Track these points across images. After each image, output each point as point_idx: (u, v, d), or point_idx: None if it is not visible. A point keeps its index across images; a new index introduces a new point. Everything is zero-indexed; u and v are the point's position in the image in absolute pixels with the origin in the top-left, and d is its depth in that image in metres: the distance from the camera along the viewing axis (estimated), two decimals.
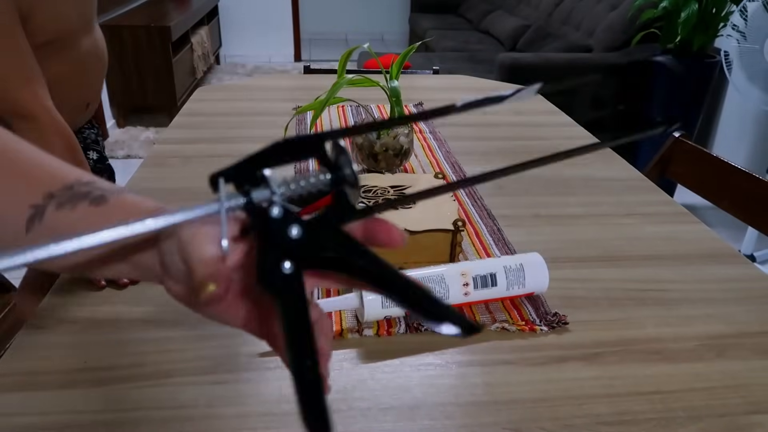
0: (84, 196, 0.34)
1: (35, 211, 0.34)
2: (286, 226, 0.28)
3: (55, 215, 0.34)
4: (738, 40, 2.20)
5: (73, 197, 0.34)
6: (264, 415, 0.54)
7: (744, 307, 0.72)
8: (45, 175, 0.35)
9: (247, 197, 0.28)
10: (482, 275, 0.67)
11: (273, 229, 0.28)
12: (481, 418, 0.55)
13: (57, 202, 0.34)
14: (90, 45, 0.92)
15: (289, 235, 0.28)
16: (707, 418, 0.56)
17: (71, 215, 0.34)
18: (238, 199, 0.28)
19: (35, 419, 0.53)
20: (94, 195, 0.35)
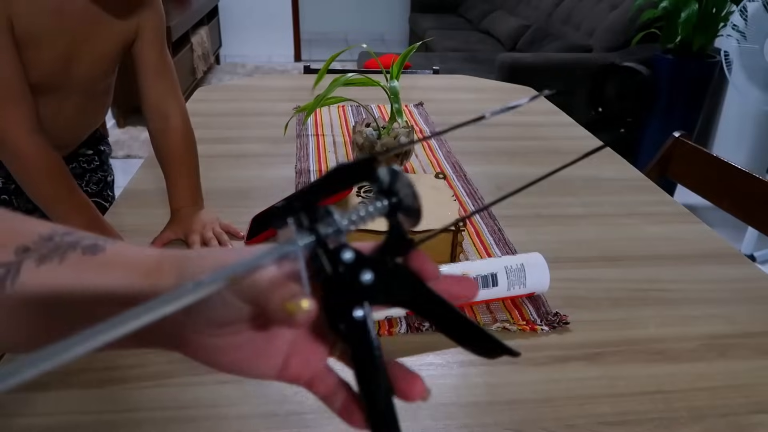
0: (72, 246, 0.29)
1: (6, 271, 0.28)
2: (357, 270, 0.26)
3: (34, 273, 0.28)
4: (738, 40, 2.20)
5: (58, 248, 0.29)
6: (266, 415, 0.54)
7: (746, 306, 0.72)
8: (9, 229, 0.30)
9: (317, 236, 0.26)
10: (483, 275, 0.67)
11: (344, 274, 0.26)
12: (482, 418, 0.55)
13: (37, 255, 0.28)
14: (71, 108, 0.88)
15: (361, 280, 0.26)
16: (709, 417, 0.55)
17: (58, 270, 0.28)
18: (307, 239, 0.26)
19: (37, 420, 0.53)
20: (84, 244, 0.29)
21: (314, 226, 0.26)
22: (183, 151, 0.88)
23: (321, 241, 0.26)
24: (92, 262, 0.29)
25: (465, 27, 4.39)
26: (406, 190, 0.27)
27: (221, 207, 0.91)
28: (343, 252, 0.26)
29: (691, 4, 2.41)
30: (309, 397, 0.57)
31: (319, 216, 0.26)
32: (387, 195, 0.27)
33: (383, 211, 0.27)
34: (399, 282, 0.27)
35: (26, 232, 0.29)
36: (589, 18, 3.14)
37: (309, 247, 0.26)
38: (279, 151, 1.15)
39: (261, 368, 0.30)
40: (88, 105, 0.91)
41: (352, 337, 0.26)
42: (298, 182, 1.02)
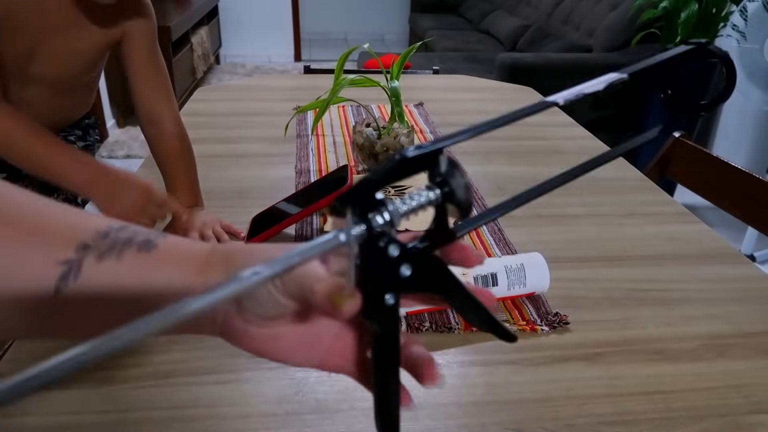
0: (128, 243, 0.30)
1: (68, 268, 0.29)
2: (399, 264, 0.27)
3: (95, 268, 0.29)
4: (738, 40, 2.20)
5: (114, 245, 0.30)
6: (265, 415, 0.54)
7: (745, 306, 0.72)
8: (69, 225, 0.30)
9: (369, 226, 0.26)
10: (483, 275, 0.67)
11: (385, 266, 0.27)
12: (482, 418, 0.55)
13: (96, 252, 0.29)
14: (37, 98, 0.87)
15: (400, 274, 0.27)
16: (709, 417, 0.56)
17: (117, 267, 0.29)
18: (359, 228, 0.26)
19: (37, 419, 0.53)
20: (138, 240, 0.30)
21: (367, 217, 0.26)
22: (179, 154, 0.88)
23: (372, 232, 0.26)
24: (148, 259, 0.30)
25: (465, 27, 4.39)
26: (459, 182, 0.27)
27: (221, 207, 0.91)
28: (391, 247, 0.27)
29: (691, 4, 2.41)
30: (309, 397, 0.57)
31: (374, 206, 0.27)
32: (440, 185, 0.27)
33: (436, 202, 0.27)
34: (432, 274, 0.28)
35: (84, 228, 0.30)
36: (589, 18, 3.14)
37: (360, 239, 0.26)
38: (279, 151, 1.15)
39: (303, 357, 0.31)
40: (60, 99, 0.90)
41: (379, 321, 0.27)
42: (298, 182, 1.02)
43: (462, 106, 1.49)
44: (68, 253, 0.29)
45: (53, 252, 0.29)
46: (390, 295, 0.27)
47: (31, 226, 0.30)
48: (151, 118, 0.87)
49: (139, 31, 0.85)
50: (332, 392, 0.57)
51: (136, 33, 0.85)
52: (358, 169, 1.02)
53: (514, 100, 1.57)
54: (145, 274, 0.30)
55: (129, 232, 0.31)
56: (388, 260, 0.27)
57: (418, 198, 0.27)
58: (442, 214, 0.28)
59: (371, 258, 0.27)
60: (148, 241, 0.30)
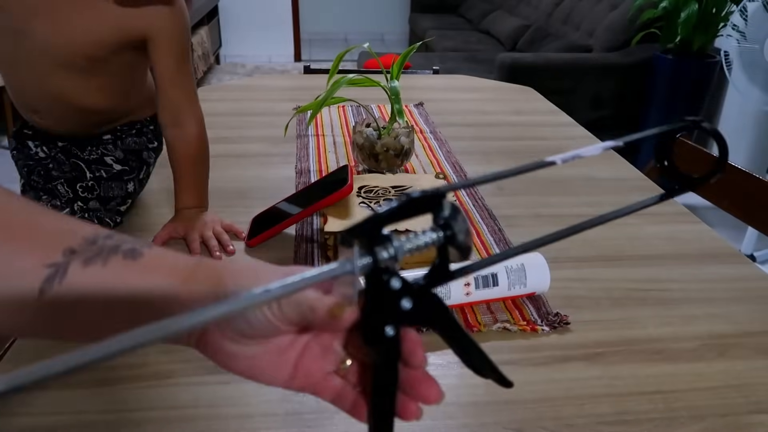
0: (114, 250, 0.31)
1: (54, 271, 0.29)
2: (400, 297, 0.29)
3: (81, 273, 0.30)
4: (738, 40, 2.20)
5: (101, 251, 0.30)
6: (266, 415, 0.54)
7: (745, 306, 0.72)
8: (58, 231, 0.31)
9: (374, 259, 0.28)
10: (483, 275, 0.67)
11: (387, 297, 0.29)
12: (482, 418, 0.55)
13: (83, 258, 0.30)
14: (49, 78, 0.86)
15: (401, 306, 0.29)
16: (709, 417, 0.56)
17: (103, 273, 0.30)
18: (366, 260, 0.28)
19: (37, 419, 0.53)
20: (124, 248, 0.31)
21: (374, 249, 0.28)
22: (195, 157, 0.88)
23: (377, 265, 0.28)
24: (133, 266, 0.30)
25: (465, 27, 4.39)
26: (461, 226, 0.29)
27: (221, 207, 0.91)
28: (393, 280, 0.29)
29: (691, 4, 2.41)
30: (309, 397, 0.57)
31: (380, 241, 0.29)
32: (443, 228, 0.29)
33: (438, 243, 0.29)
34: (430, 308, 0.30)
35: (71, 233, 0.31)
36: (589, 18, 3.14)
37: (365, 269, 0.28)
38: (279, 151, 1.15)
39: (271, 377, 0.33)
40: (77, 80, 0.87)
41: (379, 352, 0.29)
42: (298, 182, 1.02)
43: (462, 106, 1.49)
44: (55, 257, 0.30)
45: (40, 255, 0.30)
46: (390, 327, 0.29)
47: (20, 230, 0.31)
48: (175, 121, 0.87)
49: (168, 33, 0.84)
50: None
51: (163, 35, 0.84)
52: (358, 169, 1.02)
53: (514, 100, 1.57)
54: (130, 281, 0.30)
55: (116, 240, 0.31)
56: (390, 292, 0.29)
57: (422, 237, 0.29)
58: (443, 255, 0.29)
59: (374, 289, 0.29)
60: (134, 249, 0.31)
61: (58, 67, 0.84)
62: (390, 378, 0.30)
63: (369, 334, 0.29)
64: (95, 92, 0.88)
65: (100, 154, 0.89)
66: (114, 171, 0.88)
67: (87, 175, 0.87)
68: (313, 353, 0.33)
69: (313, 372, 0.33)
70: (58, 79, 0.85)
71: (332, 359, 0.34)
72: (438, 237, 0.29)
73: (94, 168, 0.87)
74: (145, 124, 0.96)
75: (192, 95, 0.88)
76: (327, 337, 0.33)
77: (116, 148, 0.90)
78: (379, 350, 0.29)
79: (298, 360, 0.33)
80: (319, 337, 0.33)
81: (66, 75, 0.85)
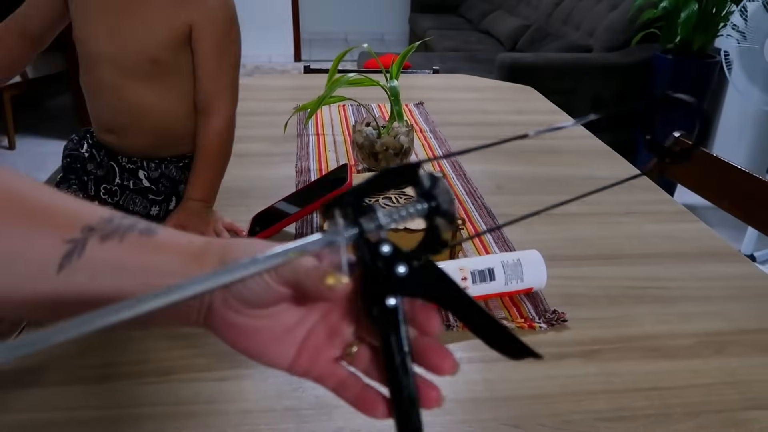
0: (130, 228, 0.32)
1: (73, 246, 0.31)
2: (393, 263, 0.29)
3: (99, 248, 0.31)
4: (738, 40, 2.20)
5: (118, 229, 0.32)
6: (265, 411, 0.55)
7: (742, 304, 0.73)
8: (76, 210, 0.32)
9: (360, 229, 0.29)
10: (480, 270, 0.67)
11: (381, 266, 0.29)
12: (480, 414, 0.55)
13: (100, 234, 0.31)
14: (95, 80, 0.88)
15: (396, 272, 0.29)
16: (704, 414, 0.56)
17: (119, 248, 0.31)
18: (351, 231, 0.29)
19: (37, 415, 0.53)
20: (140, 227, 0.32)
21: (359, 220, 0.29)
22: (213, 152, 0.88)
23: (363, 234, 0.29)
24: (148, 243, 0.32)
25: (465, 27, 4.39)
26: (444, 196, 0.30)
27: (222, 206, 0.91)
28: (382, 245, 0.29)
29: (691, 4, 2.42)
30: (307, 393, 0.57)
31: (364, 212, 0.29)
32: (427, 199, 0.30)
33: (422, 213, 0.30)
34: (430, 278, 0.30)
35: (90, 213, 0.32)
36: (589, 18, 3.14)
37: (352, 238, 0.29)
38: (279, 151, 1.15)
39: (274, 355, 0.33)
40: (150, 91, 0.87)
41: (383, 323, 0.29)
42: (298, 181, 1.03)
43: (462, 106, 1.49)
44: (74, 233, 0.31)
45: (59, 232, 0.31)
46: (391, 297, 0.29)
47: (39, 209, 0.32)
48: (203, 110, 0.88)
49: (209, 27, 0.85)
50: None
51: (204, 29, 0.84)
52: (358, 168, 1.03)
53: (514, 99, 1.57)
54: (145, 257, 0.31)
55: (132, 220, 0.33)
56: (382, 258, 0.29)
57: (406, 209, 0.30)
58: (431, 225, 0.30)
59: (366, 256, 0.29)
60: (149, 228, 0.32)
61: (128, 78, 0.85)
62: (401, 353, 0.29)
63: (369, 306, 0.29)
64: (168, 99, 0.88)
65: (137, 167, 0.89)
66: (141, 186, 0.87)
67: (116, 180, 0.86)
68: (320, 336, 0.33)
69: (319, 356, 0.33)
70: (131, 90, 0.86)
71: (339, 343, 0.33)
72: (422, 207, 0.30)
73: (126, 177, 0.87)
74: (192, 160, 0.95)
75: (225, 91, 0.89)
76: (334, 320, 0.33)
77: (156, 169, 0.89)
78: (383, 324, 0.29)
79: (303, 341, 0.33)
80: (327, 320, 0.33)
81: (137, 84, 0.86)
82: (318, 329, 0.33)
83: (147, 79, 0.86)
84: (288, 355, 0.33)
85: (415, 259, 0.30)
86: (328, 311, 0.33)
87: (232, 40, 0.88)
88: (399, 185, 0.30)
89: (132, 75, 0.85)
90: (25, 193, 0.32)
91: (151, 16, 0.82)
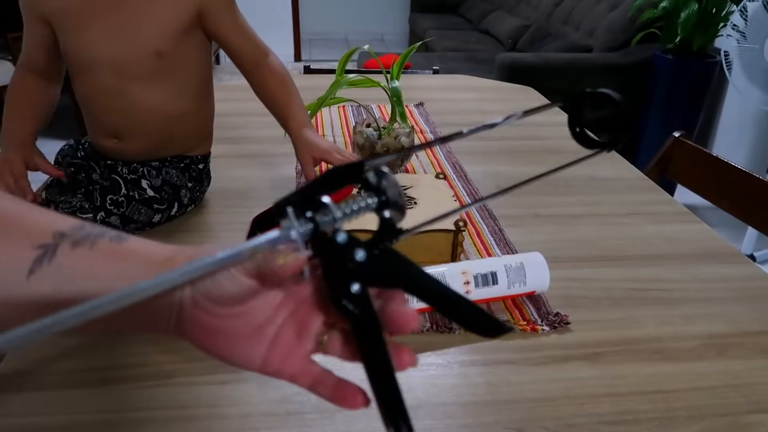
0: (101, 235, 0.32)
1: (44, 251, 0.31)
2: (351, 250, 0.30)
3: (69, 254, 0.31)
4: (738, 40, 2.20)
5: (89, 235, 0.32)
6: (266, 415, 0.54)
7: (745, 306, 0.72)
8: (47, 219, 0.33)
9: (314, 223, 0.30)
10: (483, 273, 0.67)
11: (340, 254, 0.30)
12: (482, 417, 0.55)
13: (71, 240, 0.32)
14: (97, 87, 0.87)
15: (355, 258, 0.30)
16: (709, 417, 0.56)
17: (90, 254, 0.32)
18: (307, 226, 0.30)
19: (38, 419, 0.53)
20: (111, 234, 0.33)
21: (312, 215, 0.30)
22: (282, 80, 0.92)
23: (317, 228, 0.30)
24: (119, 250, 0.32)
25: (465, 27, 4.39)
26: (393, 189, 0.31)
27: (223, 207, 0.91)
28: (337, 235, 0.30)
29: (691, 4, 2.41)
30: (310, 398, 0.57)
31: (317, 208, 0.31)
32: (377, 193, 0.31)
33: (373, 207, 0.31)
34: (392, 263, 0.31)
35: (61, 220, 0.33)
36: (589, 18, 3.14)
37: (307, 233, 0.30)
38: (279, 151, 1.15)
39: (245, 355, 0.33)
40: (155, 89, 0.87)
41: (352, 311, 0.30)
42: (298, 182, 1.02)
43: (462, 106, 1.49)
44: (45, 239, 0.31)
45: (31, 237, 0.31)
46: (355, 285, 0.30)
47: (11, 216, 0.32)
48: (252, 64, 0.92)
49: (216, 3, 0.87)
50: None
51: (213, 7, 0.87)
52: None
53: (514, 100, 1.57)
54: (115, 264, 0.32)
55: (101, 229, 0.33)
56: (338, 246, 0.30)
57: (357, 203, 0.31)
58: (384, 217, 0.31)
59: (323, 247, 0.30)
60: (120, 235, 0.33)
61: (129, 79, 0.84)
62: (373, 334, 0.30)
63: (337, 297, 0.30)
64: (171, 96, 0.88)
65: (138, 176, 0.88)
66: (146, 196, 0.86)
67: (122, 191, 0.85)
68: (290, 332, 0.34)
69: (291, 354, 0.34)
70: (134, 92, 0.85)
71: (309, 338, 0.34)
72: (372, 201, 0.31)
73: (131, 187, 0.86)
74: (194, 161, 0.94)
75: (256, 39, 0.93)
76: (303, 315, 0.34)
77: (157, 176, 0.89)
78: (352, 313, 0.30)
79: (274, 338, 0.33)
80: (296, 316, 0.34)
81: (139, 84, 0.85)
82: (287, 326, 0.34)
83: (150, 77, 0.85)
84: (259, 354, 0.33)
85: (373, 246, 0.31)
86: (296, 308, 0.34)
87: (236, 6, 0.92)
88: (346, 183, 0.32)
89: (134, 75, 0.84)
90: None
91: (154, 8, 0.82)
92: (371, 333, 0.30)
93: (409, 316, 0.31)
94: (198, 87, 0.92)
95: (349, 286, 0.30)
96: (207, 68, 0.92)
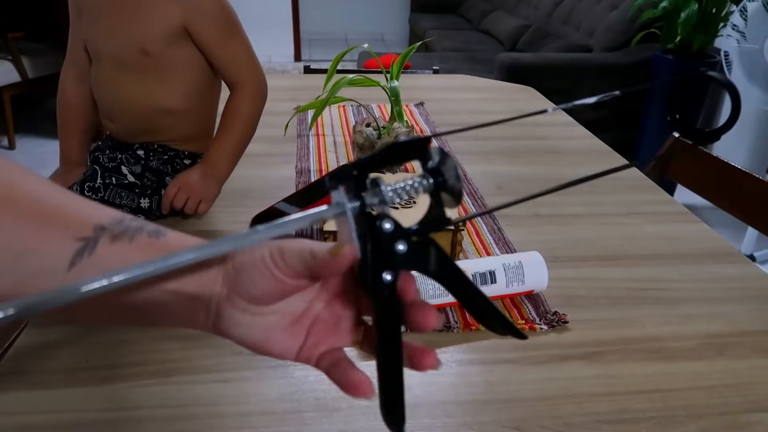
0: (139, 229, 0.33)
1: (85, 244, 0.32)
2: (394, 240, 0.29)
3: (109, 248, 0.32)
4: (738, 40, 2.20)
5: (128, 230, 0.33)
6: (265, 413, 0.55)
7: (744, 305, 0.72)
8: (87, 211, 0.33)
9: (362, 202, 0.29)
10: (481, 272, 0.67)
11: (382, 242, 0.29)
12: (481, 416, 0.55)
13: (111, 234, 0.32)
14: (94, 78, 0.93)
15: (396, 250, 0.29)
16: (707, 416, 0.56)
17: (128, 248, 0.32)
18: (354, 203, 0.29)
19: (38, 418, 0.53)
20: (149, 228, 0.33)
21: (361, 194, 0.29)
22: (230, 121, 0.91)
23: (365, 208, 0.29)
24: (156, 244, 0.33)
25: (465, 27, 4.39)
26: (451, 172, 0.30)
27: (222, 207, 0.91)
28: (385, 222, 0.29)
29: (691, 4, 2.41)
30: (308, 396, 0.57)
31: (368, 185, 0.29)
32: (434, 174, 0.30)
33: (428, 189, 0.30)
34: (429, 255, 0.30)
35: (101, 213, 0.33)
36: (589, 18, 3.14)
37: (354, 212, 0.29)
38: (279, 151, 1.15)
39: (284, 347, 0.34)
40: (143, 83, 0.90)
41: (378, 297, 0.29)
42: (298, 182, 1.02)
43: (462, 106, 1.49)
44: (86, 232, 0.32)
45: (72, 230, 0.32)
46: (388, 273, 0.29)
47: (51, 207, 0.33)
48: (229, 84, 0.92)
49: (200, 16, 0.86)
50: (331, 390, 0.57)
51: (199, 18, 0.87)
52: None
53: (514, 99, 1.57)
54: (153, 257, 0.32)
55: (141, 222, 0.34)
56: (383, 234, 0.29)
57: (410, 183, 0.30)
58: (436, 201, 0.30)
59: (367, 232, 0.29)
60: (158, 230, 0.33)
61: (122, 71, 0.89)
62: (393, 326, 0.30)
63: (367, 280, 0.29)
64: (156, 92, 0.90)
65: (118, 163, 0.90)
66: (125, 182, 0.88)
67: (98, 181, 0.87)
68: (324, 323, 0.34)
69: (323, 342, 0.34)
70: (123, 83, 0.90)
71: (345, 328, 0.35)
72: (428, 182, 0.30)
73: (107, 176, 0.88)
74: (179, 156, 0.95)
75: (242, 69, 0.91)
76: (338, 306, 0.34)
77: (137, 163, 0.90)
78: (379, 298, 0.29)
79: (309, 329, 0.34)
80: (330, 307, 0.34)
81: (128, 77, 0.89)
82: (322, 316, 0.34)
83: (137, 71, 0.89)
84: (296, 345, 0.34)
85: (415, 235, 0.30)
86: (331, 299, 0.34)
87: (233, 24, 0.90)
88: (406, 159, 0.30)
89: (124, 68, 0.89)
90: (36, 192, 0.33)
91: (142, 10, 0.86)
92: (392, 323, 0.30)
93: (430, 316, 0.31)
94: (189, 88, 0.92)
95: (381, 273, 0.29)
96: (203, 72, 0.92)
